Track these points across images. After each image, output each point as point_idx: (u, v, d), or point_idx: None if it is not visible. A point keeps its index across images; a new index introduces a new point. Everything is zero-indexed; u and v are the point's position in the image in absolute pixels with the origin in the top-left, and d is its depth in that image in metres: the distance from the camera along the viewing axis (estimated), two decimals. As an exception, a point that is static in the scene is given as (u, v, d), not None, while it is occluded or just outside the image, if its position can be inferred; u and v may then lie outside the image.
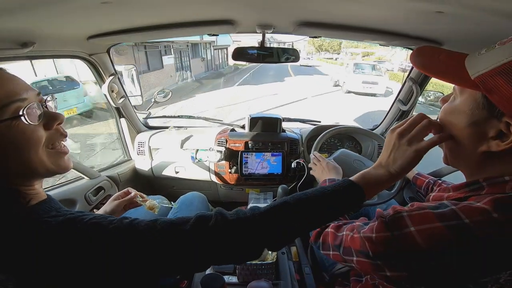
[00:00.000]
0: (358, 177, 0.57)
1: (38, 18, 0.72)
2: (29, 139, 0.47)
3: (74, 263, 0.44)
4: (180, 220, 0.52)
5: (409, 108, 1.53)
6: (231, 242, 0.51)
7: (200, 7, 0.84)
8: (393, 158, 0.55)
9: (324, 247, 0.69)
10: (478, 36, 0.79)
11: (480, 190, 0.48)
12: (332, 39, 31.04)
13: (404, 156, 0.52)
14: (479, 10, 0.58)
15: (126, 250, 0.46)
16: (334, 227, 0.68)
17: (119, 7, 0.74)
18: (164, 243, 0.48)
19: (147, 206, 0.93)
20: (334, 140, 1.81)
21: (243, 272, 0.91)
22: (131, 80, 1.67)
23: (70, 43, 1.12)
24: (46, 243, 0.43)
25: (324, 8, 0.84)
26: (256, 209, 0.55)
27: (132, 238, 0.47)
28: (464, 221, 0.42)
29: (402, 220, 0.48)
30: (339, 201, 0.55)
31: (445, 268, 0.44)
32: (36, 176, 0.52)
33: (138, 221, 0.51)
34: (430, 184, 1.08)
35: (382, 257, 0.50)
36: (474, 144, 0.47)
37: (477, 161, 0.49)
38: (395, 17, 0.83)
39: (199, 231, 0.50)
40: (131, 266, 0.47)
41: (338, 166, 1.08)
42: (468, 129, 0.47)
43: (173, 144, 1.73)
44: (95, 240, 0.45)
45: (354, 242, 0.57)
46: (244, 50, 1.18)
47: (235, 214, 0.54)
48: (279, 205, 0.54)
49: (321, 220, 0.57)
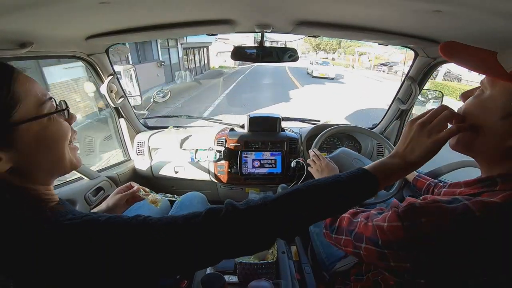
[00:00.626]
0: (372, 166, 0.57)
1: (37, 18, 0.71)
2: (64, 133, 0.51)
3: (96, 264, 0.44)
4: (191, 214, 0.52)
5: (408, 107, 1.54)
6: (243, 231, 0.51)
7: (198, 7, 0.84)
8: (411, 148, 0.55)
9: (338, 231, 0.70)
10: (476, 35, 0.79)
11: (493, 186, 0.49)
12: (329, 39, 30.88)
13: (423, 147, 0.53)
14: (476, 9, 0.58)
15: (141, 249, 0.46)
16: (351, 213, 0.69)
17: (117, 7, 0.74)
18: (178, 239, 0.48)
19: (149, 200, 0.92)
20: (333, 139, 1.81)
21: (243, 271, 0.91)
22: (130, 80, 1.67)
23: (69, 44, 1.12)
24: (67, 245, 0.43)
25: (323, 8, 0.84)
26: (268, 197, 0.54)
27: (147, 235, 0.47)
28: (476, 214, 0.43)
29: (414, 211, 0.48)
30: (353, 189, 0.55)
31: (450, 261, 0.45)
32: (60, 172, 0.53)
33: (151, 218, 0.51)
34: (431, 187, 1.08)
35: (390, 246, 0.51)
36: (503, 138, 0.47)
37: (500, 155, 0.49)
38: (393, 16, 0.83)
39: (210, 222, 0.50)
40: (149, 262, 0.47)
41: (336, 167, 1.09)
42: (500, 122, 0.47)
43: (172, 144, 1.72)
44: (114, 240, 0.45)
45: (367, 229, 0.58)
46: (243, 50, 1.18)
47: (246, 203, 0.53)
48: (292, 192, 0.53)
49: (333, 208, 0.56)
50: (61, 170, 0.53)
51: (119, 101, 1.55)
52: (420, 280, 0.50)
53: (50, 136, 0.48)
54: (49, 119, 0.48)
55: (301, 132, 1.76)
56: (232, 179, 1.69)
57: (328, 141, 1.81)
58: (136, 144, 1.75)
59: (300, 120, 1.94)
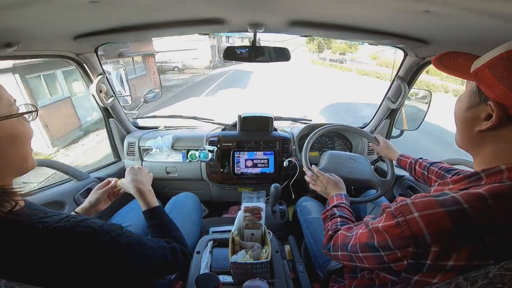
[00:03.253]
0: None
1: (23, 18, 0.70)
2: (30, 132, 0.56)
3: (76, 265, 0.50)
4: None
5: (397, 106, 1.56)
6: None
7: (190, 6, 0.84)
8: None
9: (334, 248, 0.75)
10: (464, 35, 0.81)
11: (479, 181, 0.53)
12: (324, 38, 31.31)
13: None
14: (464, 10, 0.60)
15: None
16: (345, 229, 0.75)
17: (107, 7, 0.73)
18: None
19: (119, 185, 0.96)
20: (325, 138, 1.83)
21: (237, 271, 0.91)
22: (120, 80, 1.64)
23: (57, 43, 1.09)
24: (45, 245, 0.48)
25: (315, 8, 0.85)
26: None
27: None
28: (464, 206, 0.46)
29: (406, 207, 0.53)
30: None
31: (442, 253, 0.47)
32: (22, 170, 0.55)
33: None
34: (412, 164, 1.14)
35: (386, 247, 0.55)
36: (472, 125, 0.55)
37: (476, 141, 0.57)
38: (383, 16, 0.85)
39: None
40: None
41: (338, 179, 1.10)
42: (467, 112, 0.57)
43: (163, 144, 1.70)
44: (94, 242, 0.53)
45: (362, 237, 0.62)
46: (235, 49, 1.18)
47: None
48: None
49: None
50: (23, 169, 0.56)
51: (109, 101, 1.52)
52: (415, 277, 0.52)
53: (20, 135, 0.52)
54: (18, 119, 0.52)
55: (293, 131, 1.77)
56: (225, 179, 1.68)
57: (319, 141, 1.82)
58: (127, 144, 1.72)
59: (292, 119, 1.95)
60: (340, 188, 1.06)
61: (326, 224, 0.88)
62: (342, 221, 0.85)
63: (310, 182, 1.13)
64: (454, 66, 0.60)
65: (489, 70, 0.50)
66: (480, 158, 0.57)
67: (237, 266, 0.90)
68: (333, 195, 1.00)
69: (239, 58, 1.19)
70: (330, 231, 0.81)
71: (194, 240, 1.16)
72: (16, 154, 0.52)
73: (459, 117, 0.60)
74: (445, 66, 0.62)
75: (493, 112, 0.50)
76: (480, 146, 0.56)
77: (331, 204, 0.96)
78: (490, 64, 0.50)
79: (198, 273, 0.95)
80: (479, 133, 0.54)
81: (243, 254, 0.93)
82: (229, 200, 1.93)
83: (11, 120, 0.50)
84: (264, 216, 1.03)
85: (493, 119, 0.50)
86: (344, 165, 1.28)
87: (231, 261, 0.89)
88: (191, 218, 1.24)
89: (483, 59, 0.52)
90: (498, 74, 0.48)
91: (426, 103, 1.49)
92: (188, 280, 0.94)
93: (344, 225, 0.80)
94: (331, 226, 0.84)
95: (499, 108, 0.49)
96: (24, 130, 0.54)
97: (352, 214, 0.91)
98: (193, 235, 1.19)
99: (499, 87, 0.48)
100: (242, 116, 1.68)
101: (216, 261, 1.03)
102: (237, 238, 0.98)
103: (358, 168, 1.29)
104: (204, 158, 1.57)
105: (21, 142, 0.53)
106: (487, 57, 0.51)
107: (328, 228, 0.84)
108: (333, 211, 0.91)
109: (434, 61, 0.64)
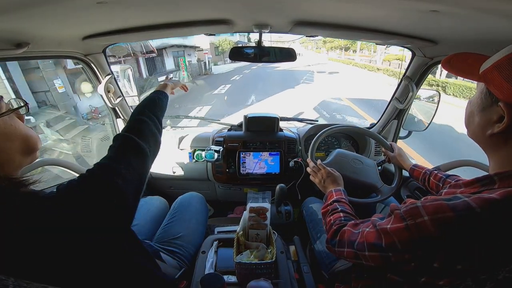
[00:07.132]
0: None
1: (33, 18, 0.71)
2: (23, 127, 0.56)
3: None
4: None
5: (405, 107, 1.54)
6: None
7: (196, 7, 0.84)
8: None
9: (340, 244, 0.73)
10: (473, 35, 0.80)
11: (492, 185, 0.52)
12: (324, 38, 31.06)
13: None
14: (473, 9, 0.59)
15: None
16: (351, 225, 0.73)
17: (115, 7, 0.74)
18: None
19: None
20: (331, 139, 1.81)
21: (242, 271, 0.91)
22: (127, 80, 1.66)
23: (65, 44, 1.11)
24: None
25: (321, 8, 0.84)
26: None
27: None
28: (476, 210, 0.45)
29: (416, 210, 0.51)
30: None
31: (452, 256, 0.46)
32: (21, 163, 0.56)
33: None
34: (427, 175, 1.10)
35: (393, 248, 0.54)
36: (485, 127, 0.54)
37: (489, 144, 0.56)
38: (391, 16, 0.84)
39: None
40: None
41: (338, 175, 1.10)
42: (479, 114, 0.56)
43: (170, 144, 1.72)
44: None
45: (369, 236, 0.61)
46: (241, 50, 1.18)
47: None
48: None
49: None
50: (28, 160, 0.57)
51: (117, 101, 1.54)
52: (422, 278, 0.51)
53: (14, 131, 0.54)
54: (9, 116, 0.54)
55: (299, 132, 1.76)
56: (230, 179, 1.68)
57: (326, 141, 1.81)
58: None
59: (298, 120, 1.94)
60: (339, 184, 1.05)
61: (327, 219, 0.86)
62: (346, 216, 0.83)
63: (311, 173, 1.16)
64: (463, 68, 0.60)
65: (497, 70, 0.49)
66: (495, 161, 0.56)
67: (241, 266, 0.90)
68: (332, 190, 1.00)
69: (245, 59, 1.19)
70: (334, 225, 0.80)
71: (200, 239, 1.17)
72: (11, 148, 0.53)
73: (471, 120, 0.59)
74: (454, 68, 0.61)
75: (504, 113, 0.49)
76: (495, 149, 0.55)
77: (331, 198, 0.95)
78: (498, 65, 0.50)
79: (203, 273, 0.95)
80: (492, 136, 0.53)
81: (248, 254, 0.93)
82: (234, 200, 1.93)
83: (3, 118, 0.52)
84: (269, 216, 1.03)
85: (505, 120, 0.49)
86: (350, 164, 1.27)
87: (235, 261, 0.89)
88: (197, 218, 1.25)
89: (491, 60, 0.52)
90: (506, 74, 0.48)
91: (434, 103, 1.47)
92: (193, 279, 0.94)
93: (348, 220, 0.79)
94: (334, 220, 0.82)
95: (510, 108, 0.48)
96: (17, 126, 0.55)
97: (353, 209, 0.89)
98: (198, 234, 1.20)
99: (508, 88, 0.47)
100: (248, 116, 1.68)
101: (221, 261, 1.03)
102: (242, 238, 0.99)
103: (364, 170, 1.28)
104: (210, 158, 1.58)
105: (15, 137, 0.54)
106: (495, 58, 0.50)
107: (332, 223, 0.82)
108: (335, 205, 0.89)
109: (443, 63, 0.63)
